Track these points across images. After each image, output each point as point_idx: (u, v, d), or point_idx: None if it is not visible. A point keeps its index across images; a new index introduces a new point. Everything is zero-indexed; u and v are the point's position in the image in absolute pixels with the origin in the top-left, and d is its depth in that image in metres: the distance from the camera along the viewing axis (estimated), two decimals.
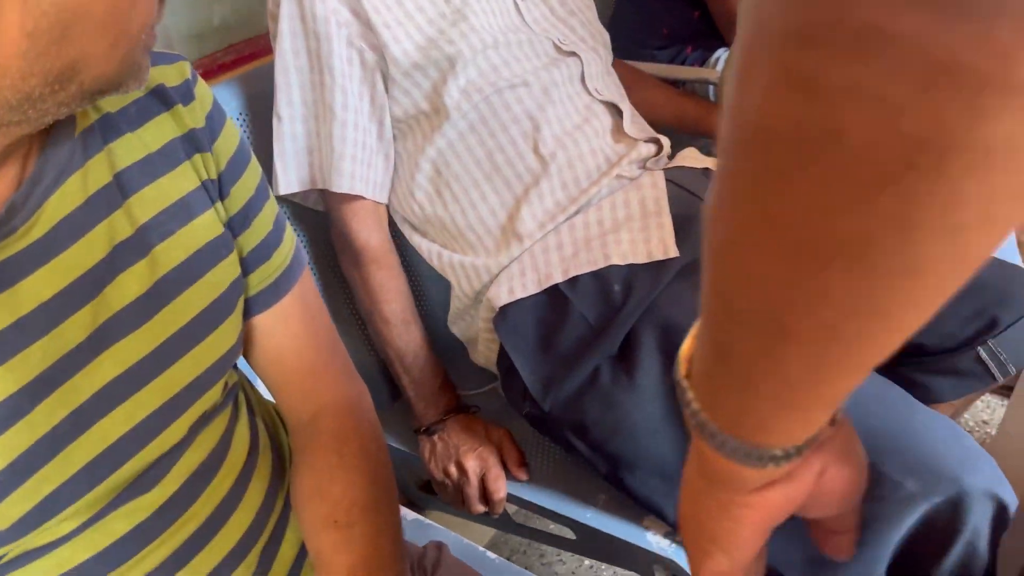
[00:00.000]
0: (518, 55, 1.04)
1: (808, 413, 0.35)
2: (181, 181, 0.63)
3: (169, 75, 0.63)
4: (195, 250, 0.63)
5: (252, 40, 1.44)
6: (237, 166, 0.67)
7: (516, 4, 1.08)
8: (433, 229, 1.08)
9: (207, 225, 0.64)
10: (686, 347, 0.40)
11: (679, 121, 1.31)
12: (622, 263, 0.95)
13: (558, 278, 0.97)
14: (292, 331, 0.73)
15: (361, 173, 1.04)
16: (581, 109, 1.06)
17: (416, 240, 1.11)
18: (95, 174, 0.58)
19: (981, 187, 0.24)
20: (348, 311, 1.24)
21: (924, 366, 1.00)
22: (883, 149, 0.24)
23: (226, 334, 0.65)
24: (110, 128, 0.60)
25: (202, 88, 0.65)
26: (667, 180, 1.03)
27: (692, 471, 0.42)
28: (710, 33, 1.59)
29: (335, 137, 1.01)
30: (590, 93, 1.08)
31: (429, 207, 1.07)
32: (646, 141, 1.09)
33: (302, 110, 1.03)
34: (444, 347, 1.16)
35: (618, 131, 1.09)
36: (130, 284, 0.58)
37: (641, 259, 0.95)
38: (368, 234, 1.07)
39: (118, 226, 0.58)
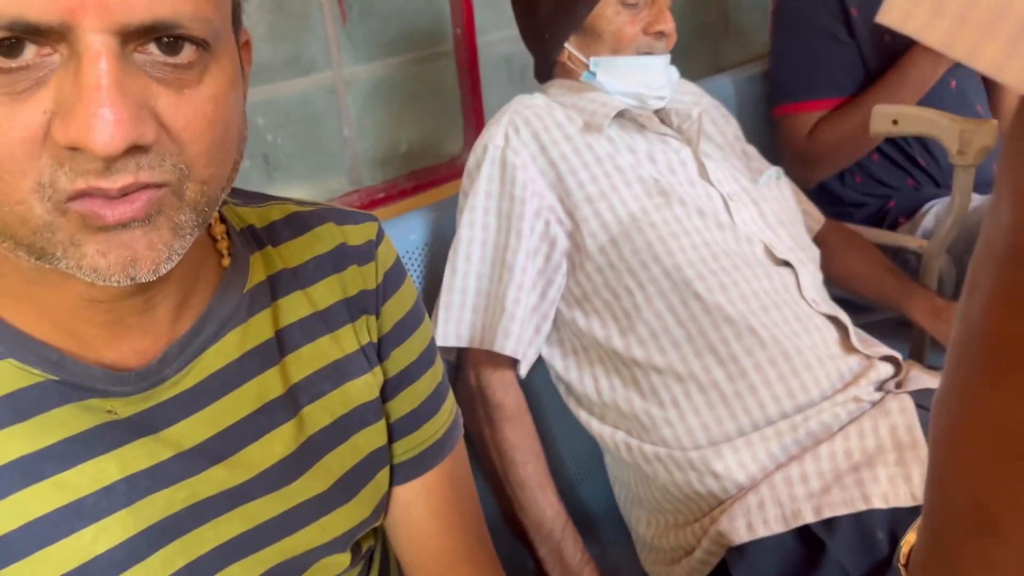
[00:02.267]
0: (729, 251, 0.99)
1: None
2: (340, 343, 0.61)
3: (353, 235, 0.62)
4: (342, 414, 0.60)
5: (432, 168, 1.46)
6: (403, 330, 0.64)
7: (725, 201, 1.04)
8: (614, 414, 1.02)
9: (359, 389, 0.61)
10: (909, 536, 0.41)
11: (880, 298, 1.19)
12: (884, 506, 0.84)
13: (809, 517, 0.87)
14: (434, 509, 0.67)
15: (525, 336, 1.00)
16: (802, 318, 0.98)
17: (591, 423, 1.04)
18: (256, 329, 0.56)
19: None
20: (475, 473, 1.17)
21: None
22: None
23: (362, 503, 0.61)
24: (281, 285, 0.58)
25: (385, 248, 0.64)
26: (916, 405, 0.92)
27: None
28: (904, 175, 1.51)
29: (509, 298, 0.99)
30: (809, 304, 1.00)
31: (610, 393, 1.01)
32: (881, 359, 0.99)
33: (478, 267, 1.02)
34: (579, 515, 1.06)
35: (846, 345, 1.00)
36: (275, 445, 0.56)
37: (904, 502, 0.84)
38: (505, 391, 1.03)
39: (270, 384, 0.56)
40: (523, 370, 1.03)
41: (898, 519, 0.84)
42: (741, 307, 0.95)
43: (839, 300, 1.30)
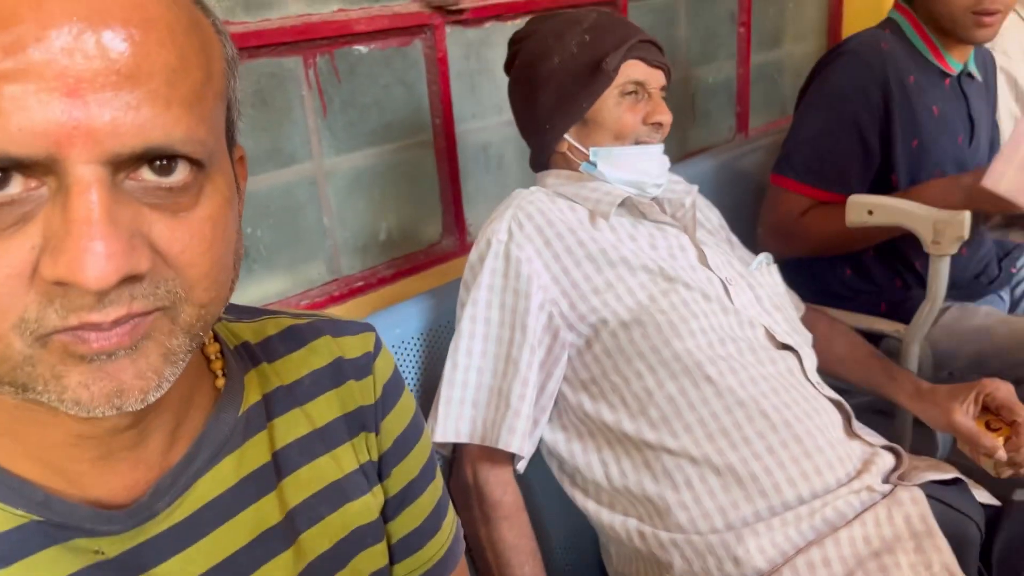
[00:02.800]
0: (735, 335, 1.00)
1: None
2: (340, 462, 0.58)
3: (350, 347, 0.60)
4: (341, 538, 0.57)
5: (411, 255, 1.46)
6: (404, 445, 0.62)
7: (725, 285, 1.05)
8: (625, 501, 0.99)
9: (359, 511, 0.58)
10: None
11: (865, 382, 1.20)
12: None
13: None
14: None
15: (528, 430, 0.99)
16: (810, 400, 0.98)
17: (601, 514, 1.01)
18: (253, 453, 0.53)
19: None
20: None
21: None
22: None
23: None
24: (277, 403, 0.56)
25: (383, 360, 0.62)
26: (927, 495, 0.92)
27: None
28: (894, 275, 1.49)
29: (514, 394, 0.98)
30: (814, 386, 1.01)
31: (621, 478, 0.99)
32: (883, 448, 1.00)
33: (480, 361, 1.00)
34: None
35: (849, 431, 1.00)
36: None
37: None
38: (503, 489, 1.01)
39: (267, 510, 0.54)
40: (522, 467, 1.01)
41: None
42: (752, 390, 0.95)
43: None
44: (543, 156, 1.16)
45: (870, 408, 1.47)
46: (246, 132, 1.19)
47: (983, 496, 0.98)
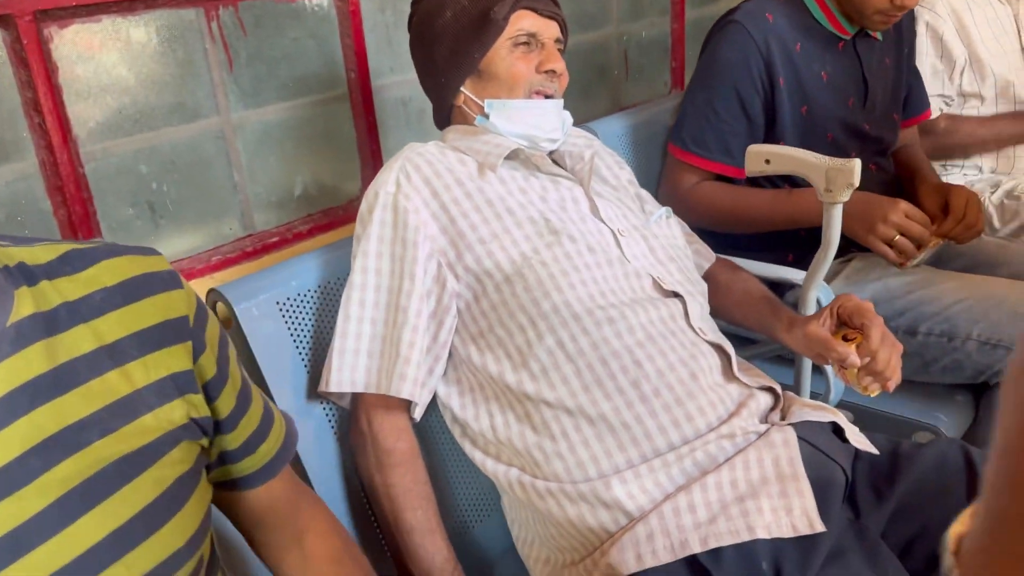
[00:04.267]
0: (617, 288, 1.01)
1: None
2: (131, 377, 0.60)
3: (144, 264, 0.63)
4: (137, 448, 0.59)
5: (330, 210, 1.46)
6: (226, 365, 0.68)
7: (616, 237, 1.06)
8: (509, 451, 1.02)
9: (156, 423, 0.61)
10: (957, 526, 0.44)
11: (757, 327, 1.22)
12: (767, 537, 0.86)
13: (696, 547, 0.87)
14: (280, 497, 0.79)
15: (419, 379, 1.01)
16: (688, 346, 1.00)
17: (486, 463, 1.04)
18: (22, 365, 0.54)
19: None
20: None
21: None
22: None
23: (173, 534, 0.60)
24: (60, 320, 0.57)
25: (187, 287, 0.66)
26: (799, 438, 0.95)
27: None
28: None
29: (404, 342, 0.99)
30: (696, 331, 1.03)
31: (505, 429, 1.01)
32: (760, 389, 1.02)
33: (372, 312, 1.02)
34: (476, 559, 1.06)
35: (728, 374, 1.02)
36: (51, 487, 0.54)
37: (786, 532, 0.86)
38: (398, 437, 1.02)
39: (42, 422, 0.54)
40: (418, 413, 1.03)
41: (780, 549, 0.86)
42: (628, 339, 0.97)
43: (726, 334, 1.33)
44: (443, 111, 1.17)
45: (774, 355, 1.51)
46: (146, 85, 1.18)
47: (863, 443, 1.00)
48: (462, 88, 1.12)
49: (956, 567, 0.42)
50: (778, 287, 1.37)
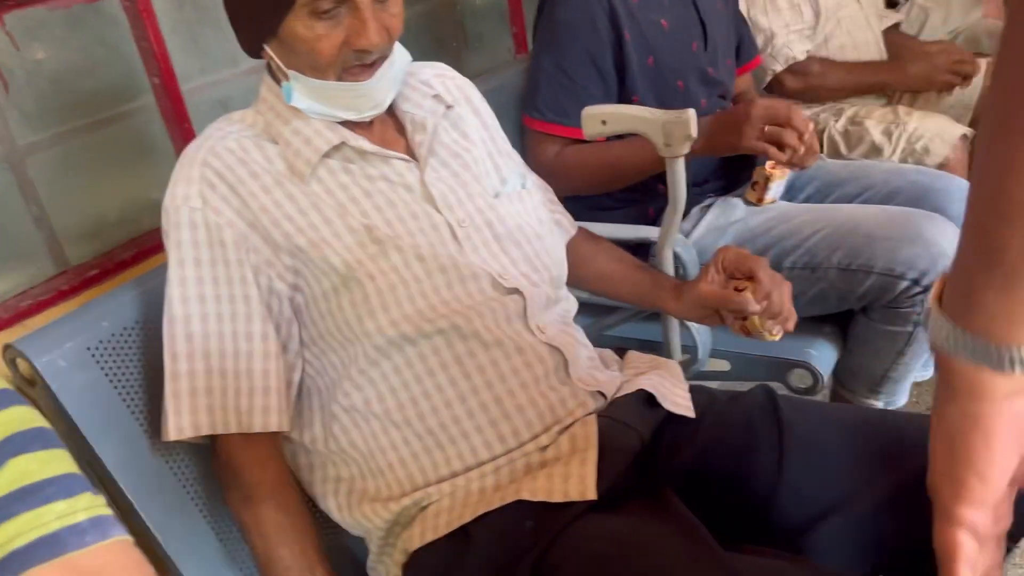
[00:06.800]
0: (449, 298, 0.94)
1: None
2: None
3: None
4: None
5: (155, 231, 1.32)
6: None
7: (453, 231, 0.98)
8: (339, 465, 0.97)
9: None
10: (939, 282, 0.49)
11: (633, 297, 1.19)
12: (532, 499, 0.84)
13: (467, 517, 0.87)
14: None
15: (284, 404, 0.93)
16: (524, 350, 0.95)
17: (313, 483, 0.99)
18: None
19: None
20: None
21: None
22: None
23: None
24: None
25: None
26: (604, 416, 0.94)
27: (942, 406, 0.49)
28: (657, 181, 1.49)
29: (256, 372, 0.91)
30: (532, 333, 0.97)
31: (335, 442, 0.96)
32: (593, 393, 0.97)
33: (203, 344, 0.91)
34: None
35: (563, 376, 0.97)
36: None
37: (557, 498, 0.83)
38: (264, 467, 0.95)
39: None
40: (286, 426, 0.95)
41: (548, 510, 0.83)
42: (460, 348, 0.93)
43: (590, 304, 1.30)
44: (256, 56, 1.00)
45: (641, 316, 1.49)
46: None
47: (679, 407, 0.96)
48: (266, 47, 0.95)
49: (938, 309, 0.48)
50: (639, 251, 1.34)
